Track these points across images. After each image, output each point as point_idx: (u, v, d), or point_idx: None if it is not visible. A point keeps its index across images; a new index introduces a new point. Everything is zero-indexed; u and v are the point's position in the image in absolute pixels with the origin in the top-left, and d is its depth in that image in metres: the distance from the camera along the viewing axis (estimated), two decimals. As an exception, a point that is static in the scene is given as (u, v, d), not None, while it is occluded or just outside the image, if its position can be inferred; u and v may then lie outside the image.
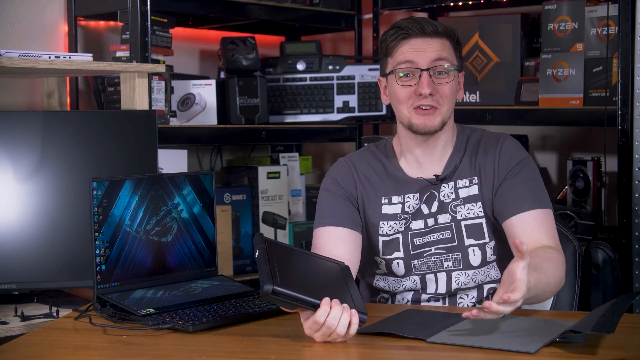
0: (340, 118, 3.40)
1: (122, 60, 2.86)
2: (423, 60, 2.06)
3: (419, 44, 2.08)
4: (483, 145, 2.15)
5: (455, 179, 2.13)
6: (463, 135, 2.18)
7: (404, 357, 1.68)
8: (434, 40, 2.08)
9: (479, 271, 2.10)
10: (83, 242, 2.31)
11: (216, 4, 3.10)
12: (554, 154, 3.41)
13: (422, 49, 2.07)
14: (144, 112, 2.59)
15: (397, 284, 2.13)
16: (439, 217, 2.11)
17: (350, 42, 3.70)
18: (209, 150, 3.49)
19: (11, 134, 2.38)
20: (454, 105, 2.13)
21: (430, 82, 2.06)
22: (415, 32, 2.07)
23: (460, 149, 2.16)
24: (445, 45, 2.09)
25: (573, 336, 1.68)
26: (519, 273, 1.71)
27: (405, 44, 2.08)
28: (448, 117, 2.10)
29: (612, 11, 2.81)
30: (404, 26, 2.08)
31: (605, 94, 2.85)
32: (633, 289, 2.69)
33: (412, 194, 2.13)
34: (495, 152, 2.13)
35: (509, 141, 2.15)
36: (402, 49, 2.08)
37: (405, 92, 2.08)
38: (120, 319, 1.94)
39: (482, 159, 2.13)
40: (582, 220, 2.93)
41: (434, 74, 2.07)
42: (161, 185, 2.15)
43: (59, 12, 3.02)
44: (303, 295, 1.72)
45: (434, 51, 2.07)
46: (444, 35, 2.09)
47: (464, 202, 2.11)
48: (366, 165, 2.19)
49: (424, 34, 2.07)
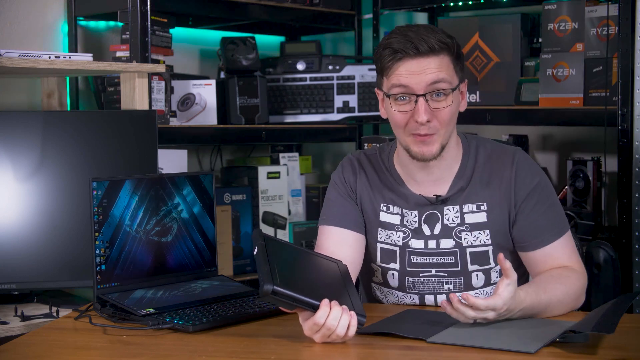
0: (340, 118, 3.40)
1: (122, 60, 2.86)
2: (419, 84, 1.93)
3: (414, 66, 1.93)
4: (495, 164, 2.05)
5: (462, 203, 2.04)
6: (470, 150, 2.07)
7: (404, 357, 1.68)
8: (431, 60, 1.93)
9: (480, 291, 2.07)
10: (83, 242, 2.31)
11: (216, 4, 3.10)
12: (554, 154, 3.41)
13: (418, 72, 1.93)
14: (144, 112, 2.59)
15: (395, 299, 2.11)
16: (441, 242, 2.05)
17: (350, 42, 3.70)
18: (209, 150, 3.49)
19: (11, 134, 2.38)
20: (454, 124, 2.02)
21: (427, 107, 1.93)
22: (409, 52, 1.92)
23: (467, 168, 2.06)
24: (443, 63, 1.94)
25: (573, 336, 1.68)
26: (501, 288, 1.75)
27: (400, 65, 1.94)
28: (447, 140, 1.99)
29: (612, 11, 2.81)
30: (398, 48, 1.93)
31: (605, 94, 2.85)
32: (633, 289, 2.69)
33: (410, 210, 2.06)
34: (511, 171, 2.03)
35: (524, 158, 2.05)
36: (397, 71, 1.94)
37: (401, 118, 1.96)
38: (120, 319, 1.94)
39: (494, 177, 2.04)
40: (582, 220, 2.93)
41: (431, 97, 1.94)
42: (161, 185, 2.15)
43: (59, 12, 3.02)
44: (303, 296, 1.72)
45: (430, 73, 1.93)
46: (441, 51, 1.94)
47: (471, 229, 2.03)
48: (371, 168, 2.13)
49: (419, 54, 1.92)
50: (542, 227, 2.01)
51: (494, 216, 2.03)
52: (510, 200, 2.03)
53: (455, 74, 1.98)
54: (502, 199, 2.03)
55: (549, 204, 2.04)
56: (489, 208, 2.04)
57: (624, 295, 1.96)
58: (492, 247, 2.04)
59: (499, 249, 2.04)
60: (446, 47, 1.95)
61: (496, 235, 2.03)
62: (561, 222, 2.04)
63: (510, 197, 2.03)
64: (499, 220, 2.03)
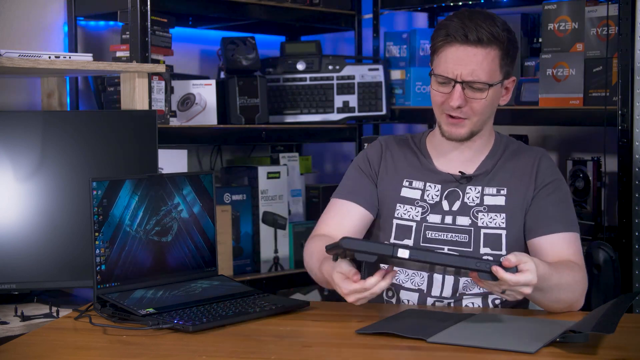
0: (340, 118, 3.40)
1: (122, 60, 2.86)
2: (458, 73, 2.01)
3: (460, 53, 2.01)
4: (521, 155, 2.15)
5: (484, 185, 2.12)
6: (500, 143, 2.18)
7: (404, 357, 1.68)
8: (477, 51, 2.01)
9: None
10: (83, 242, 2.31)
11: (216, 4, 3.10)
12: (554, 154, 3.41)
13: (461, 61, 2.01)
14: (144, 112, 2.59)
15: (405, 277, 2.12)
16: (458, 218, 2.10)
17: (350, 42, 3.70)
18: (209, 150, 3.49)
19: (11, 134, 2.38)
20: (490, 115, 2.11)
21: (462, 95, 2.02)
22: (458, 38, 2.00)
23: (495, 155, 2.16)
24: (488, 57, 2.01)
25: (573, 336, 1.68)
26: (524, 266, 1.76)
27: (448, 49, 2.02)
28: (479, 127, 2.09)
29: (612, 11, 2.81)
30: (450, 32, 2.01)
31: (605, 94, 2.85)
32: (633, 289, 2.69)
33: (434, 184, 2.14)
34: (533, 165, 2.12)
35: (548, 158, 2.16)
36: (443, 53, 2.03)
37: (439, 98, 2.07)
38: (120, 319, 1.94)
39: (517, 168, 2.13)
40: (582, 220, 2.93)
41: (468, 86, 2.02)
42: (161, 185, 2.15)
43: (59, 12, 3.02)
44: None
45: (472, 65, 2.00)
46: (489, 43, 2.01)
47: (488, 211, 2.10)
48: (398, 148, 2.22)
49: (467, 42, 2.00)
50: (552, 216, 2.07)
51: (512, 201, 2.10)
52: (528, 189, 2.11)
53: (499, 69, 2.05)
54: (522, 187, 2.11)
55: (563, 200, 2.11)
56: (508, 193, 2.11)
57: (624, 295, 1.96)
58: (505, 231, 2.08)
59: (512, 237, 2.08)
60: (496, 41, 2.02)
61: (511, 219, 2.09)
62: (571, 220, 2.10)
63: (530, 186, 2.11)
64: (516, 206, 2.10)
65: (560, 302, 1.97)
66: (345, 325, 1.89)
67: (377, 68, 3.42)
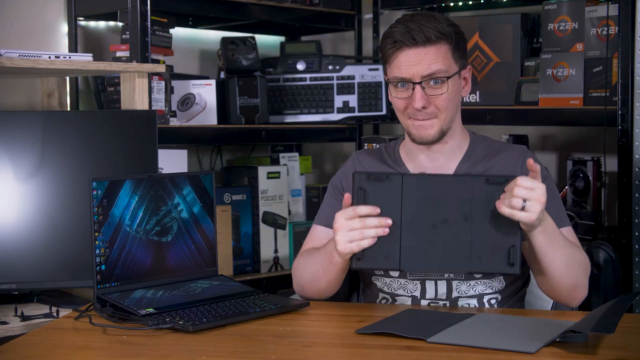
0: (340, 118, 3.40)
1: (122, 60, 2.86)
2: (415, 74, 2.03)
3: (411, 56, 2.03)
4: (502, 157, 2.13)
5: None
6: (476, 143, 2.16)
7: (404, 357, 1.68)
8: (428, 49, 2.03)
9: (480, 282, 2.08)
10: (83, 242, 2.31)
11: (216, 4, 3.11)
12: (554, 154, 3.41)
13: (414, 62, 2.02)
14: (144, 112, 2.59)
15: (396, 285, 2.12)
16: None
17: (350, 42, 3.70)
18: (209, 150, 3.49)
19: (11, 134, 2.38)
20: (456, 110, 2.10)
21: (424, 95, 2.03)
22: (406, 42, 2.02)
23: (471, 158, 2.14)
24: (440, 52, 2.04)
25: (573, 336, 1.68)
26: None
27: (399, 55, 2.04)
28: (448, 124, 2.08)
29: (612, 11, 2.81)
30: (397, 38, 2.03)
31: (605, 94, 2.85)
32: (633, 289, 2.69)
33: None
34: (518, 161, 2.10)
35: (532, 155, 2.12)
36: (396, 60, 2.05)
37: (400, 104, 2.07)
38: (120, 319, 1.94)
39: (503, 167, 2.10)
40: (582, 220, 2.93)
41: (427, 84, 2.03)
42: (161, 185, 2.15)
43: (59, 12, 3.02)
44: None
45: (426, 64, 2.02)
46: (438, 40, 2.03)
47: None
48: (371, 160, 2.21)
49: (416, 44, 2.02)
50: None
51: None
52: None
53: (453, 62, 2.07)
54: None
55: (553, 196, 2.07)
56: None
57: (624, 295, 1.96)
58: None
59: None
60: (444, 37, 2.04)
61: None
62: (563, 215, 2.09)
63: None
64: None
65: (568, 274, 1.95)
66: (345, 325, 1.89)
67: (377, 68, 3.41)
